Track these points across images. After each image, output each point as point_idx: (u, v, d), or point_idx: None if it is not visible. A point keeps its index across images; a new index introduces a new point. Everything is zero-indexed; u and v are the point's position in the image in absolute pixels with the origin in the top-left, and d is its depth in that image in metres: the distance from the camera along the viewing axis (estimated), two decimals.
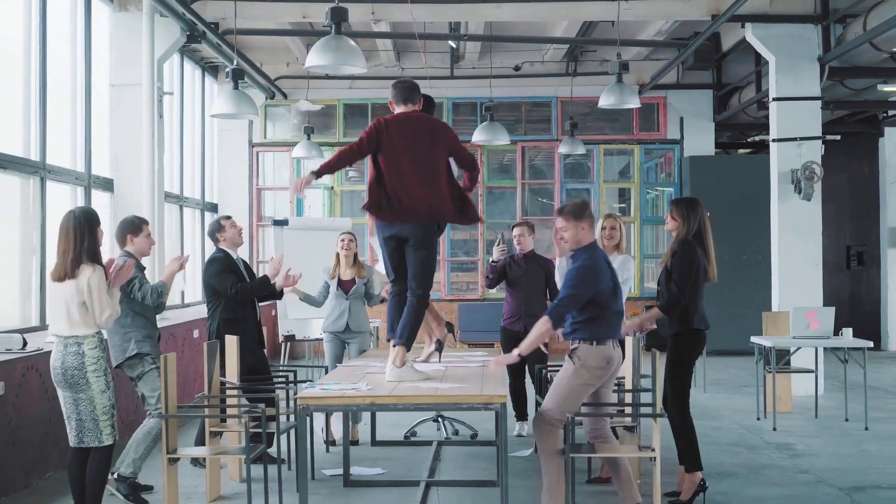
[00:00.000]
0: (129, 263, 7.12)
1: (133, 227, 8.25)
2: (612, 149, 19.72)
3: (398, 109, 7.34)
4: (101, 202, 12.59)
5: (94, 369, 6.63)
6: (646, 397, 7.81)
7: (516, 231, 10.43)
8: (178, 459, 7.07)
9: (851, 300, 21.91)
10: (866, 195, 21.40)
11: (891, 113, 19.42)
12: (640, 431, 7.71)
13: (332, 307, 10.37)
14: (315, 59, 8.76)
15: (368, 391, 6.35)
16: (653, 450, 6.88)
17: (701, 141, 19.36)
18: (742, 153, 23.48)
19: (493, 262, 10.32)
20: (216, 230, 9.37)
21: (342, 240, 10.49)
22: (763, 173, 14.73)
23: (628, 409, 7.72)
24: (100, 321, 6.65)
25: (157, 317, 8.54)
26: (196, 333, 12.84)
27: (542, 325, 6.86)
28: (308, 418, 6.36)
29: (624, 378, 7.98)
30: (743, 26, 13.94)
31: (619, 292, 7.09)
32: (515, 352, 6.91)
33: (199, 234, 17.33)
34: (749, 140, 22.44)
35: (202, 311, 11.57)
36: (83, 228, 6.69)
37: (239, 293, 8.99)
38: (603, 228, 8.96)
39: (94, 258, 6.69)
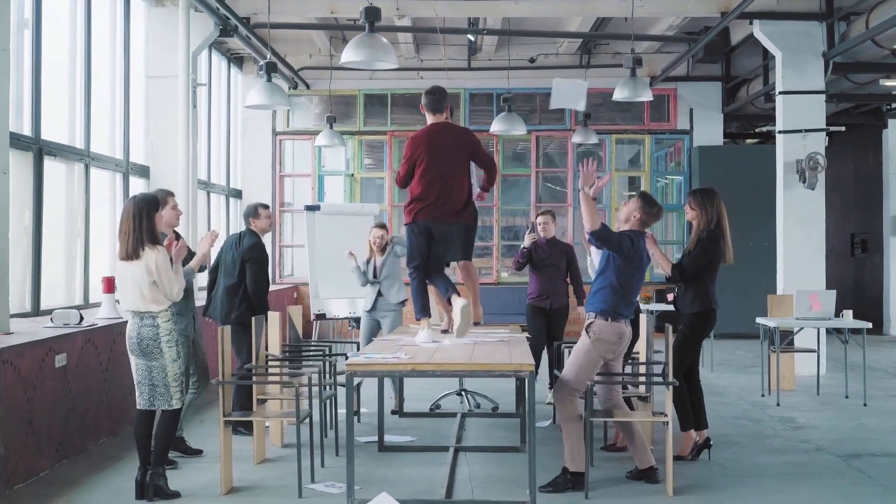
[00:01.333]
0: (183, 242, 7.78)
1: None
2: (623, 138, 20.31)
3: (429, 116, 8.35)
4: (137, 188, 13.21)
5: (168, 340, 7.29)
6: (659, 370, 8.46)
7: (541, 219, 11.15)
8: (232, 423, 7.73)
9: (855, 286, 22.54)
10: (870, 185, 21.94)
11: (895, 106, 19.96)
12: (653, 401, 8.37)
13: (365, 291, 11.23)
14: (350, 55, 9.32)
15: (409, 360, 7.00)
16: (665, 415, 7.53)
17: (710, 131, 19.95)
18: (749, 143, 24.06)
19: (524, 248, 11.03)
20: (251, 215, 10.03)
21: (372, 235, 11.28)
22: (769, 163, 15.31)
23: (643, 380, 8.41)
24: (171, 296, 7.33)
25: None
26: None
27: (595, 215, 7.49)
28: (354, 383, 7.00)
29: (638, 353, 8.66)
30: (751, 23, 14.53)
31: (641, 284, 7.80)
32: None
33: (225, 219, 18.00)
34: (756, 131, 23.01)
35: None
36: (142, 212, 7.33)
37: (257, 292, 9.71)
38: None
39: (153, 240, 7.33)
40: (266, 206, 10.19)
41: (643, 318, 8.59)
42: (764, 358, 12.31)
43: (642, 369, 8.62)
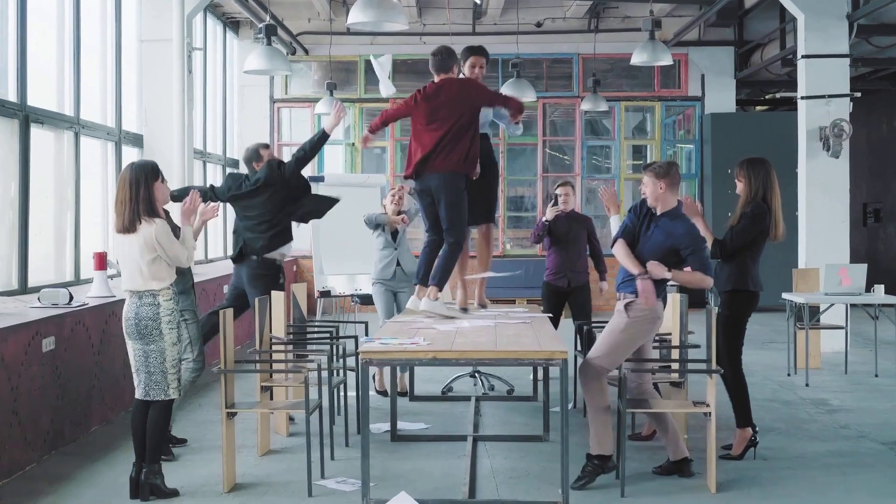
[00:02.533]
0: (195, 193, 7.15)
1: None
2: (633, 105, 19.67)
3: (435, 77, 8.21)
4: (130, 158, 12.58)
5: (168, 321, 6.67)
6: (695, 353, 7.87)
7: (561, 190, 10.45)
8: (235, 414, 7.11)
9: (868, 257, 21.96)
10: (885, 152, 21.38)
11: None
12: (687, 388, 7.77)
13: (382, 256, 10.55)
14: (357, 15, 8.75)
15: (429, 346, 6.39)
16: (707, 405, 6.91)
17: (722, 98, 19.32)
18: (760, 110, 23.42)
19: (545, 221, 10.34)
20: (254, 159, 9.30)
21: (392, 194, 10.70)
22: (785, 131, 14.75)
23: (675, 365, 7.80)
24: (182, 265, 6.79)
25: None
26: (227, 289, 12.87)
27: (700, 277, 7.05)
28: (369, 372, 6.40)
29: (670, 334, 8.03)
30: None
31: None
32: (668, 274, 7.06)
33: None
34: (767, 97, 22.37)
35: (228, 267, 11.49)
36: (139, 180, 6.68)
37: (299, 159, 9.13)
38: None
39: (151, 211, 6.70)
40: (267, 146, 9.47)
41: (677, 297, 7.97)
42: (790, 335, 11.74)
43: (675, 353, 7.96)
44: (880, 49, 16.25)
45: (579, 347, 9.33)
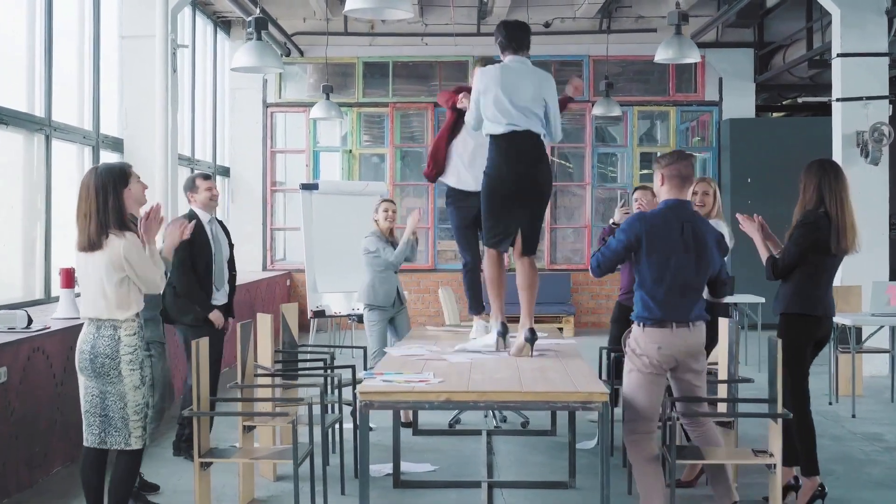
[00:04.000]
0: (158, 205, 6.06)
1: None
2: (648, 111, 18.63)
3: None
4: None
5: (130, 360, 5.58)
6: (748, 391, 6.82)
7: (638, 194, 8.97)
8: (210, 464, 6.04)
9: (894, 272, 20.93)
10: None
11: None
12: (738, 429, 6.73)
13: (381, 280, 9.53)
14: (357, 1, 7.76)
15: (441, 384, 5.33)
16: (771, 455, 5.84)
17: (741, 103, 18.25)
18: (777, 116, 22.40)
19: (613, 223, 8.87)
20: (188, 188, 8.17)
21: (385, 210, 9.58)
22: (811, 138, 13.74)
23: (723, 405, 6.73)
24: (151, 289, 5.73)
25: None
26: None
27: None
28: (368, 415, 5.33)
29: (717, 364, 6.96)
30: None
31: (700, 267, 5.95)
32: None
33: None
34: (786, 102, 21.34)
35: None
36: (106, 188, 5.65)
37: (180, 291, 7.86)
38: (694, 193, 7.90)
39: (121, 224, 5.66)
40: (207, 177, 8.26)
41: (724, 322, 6.91)
42: (831, 359, 10.68)
43: (721, 388, 6.87)
44: None
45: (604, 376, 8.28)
